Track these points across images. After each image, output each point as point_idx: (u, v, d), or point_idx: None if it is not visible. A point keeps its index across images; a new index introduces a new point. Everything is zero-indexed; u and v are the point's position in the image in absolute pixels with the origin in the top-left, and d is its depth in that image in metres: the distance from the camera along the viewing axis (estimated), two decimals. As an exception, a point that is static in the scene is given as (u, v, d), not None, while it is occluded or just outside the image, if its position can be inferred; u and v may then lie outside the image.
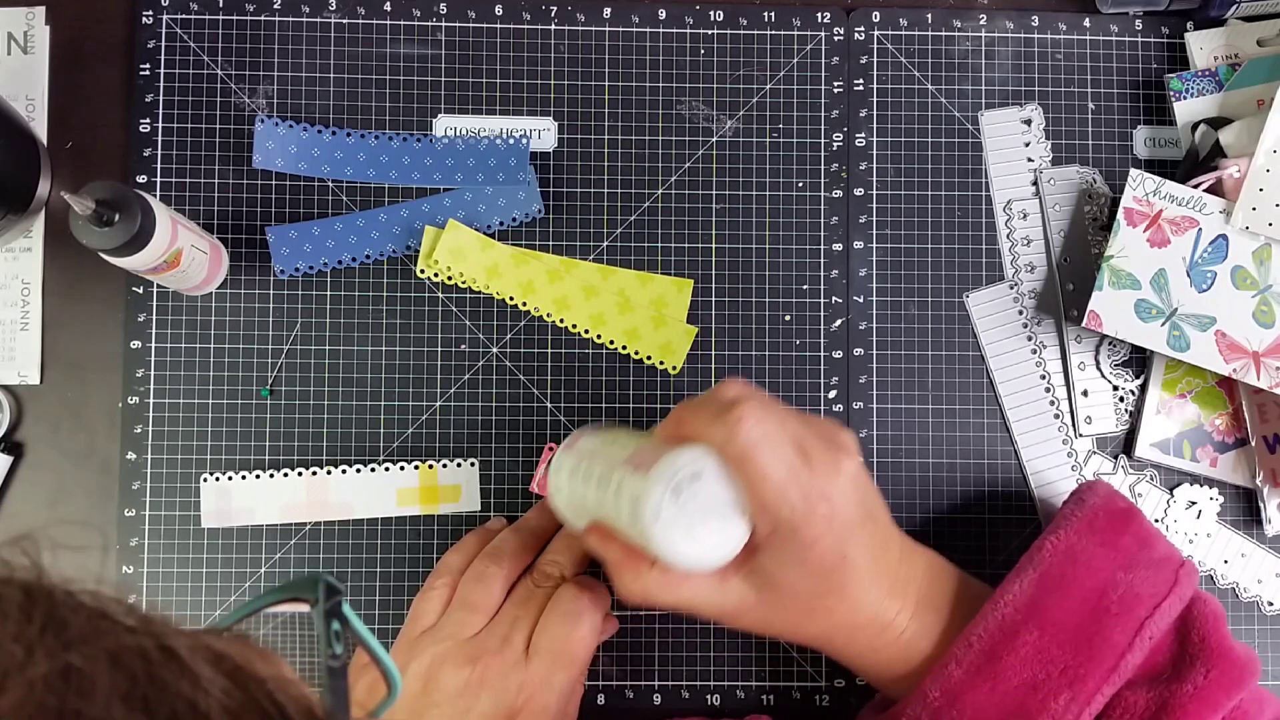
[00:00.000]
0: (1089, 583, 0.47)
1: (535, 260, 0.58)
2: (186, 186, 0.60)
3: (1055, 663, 0.46)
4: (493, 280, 0.58)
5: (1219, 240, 0.57)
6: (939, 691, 0.47)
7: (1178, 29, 0.62)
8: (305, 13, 0.61)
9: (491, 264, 0.58)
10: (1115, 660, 0.45)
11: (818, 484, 0.44)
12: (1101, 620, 0.46)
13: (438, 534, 0.59)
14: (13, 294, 0.59)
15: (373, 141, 0.60)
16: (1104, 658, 0.45)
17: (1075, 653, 0.46)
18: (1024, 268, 0.61)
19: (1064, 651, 0.46)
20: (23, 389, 0.59)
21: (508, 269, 0.58)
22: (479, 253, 0.58)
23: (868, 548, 0.46)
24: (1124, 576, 0.47)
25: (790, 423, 0.45)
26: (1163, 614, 0.47)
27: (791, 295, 0.61)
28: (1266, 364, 0.56)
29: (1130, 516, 0.50)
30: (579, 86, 0.61)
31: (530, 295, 0.58)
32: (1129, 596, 0.47)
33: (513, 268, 0.58)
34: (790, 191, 0.61)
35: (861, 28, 0.62)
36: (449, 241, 0.57)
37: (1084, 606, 0.47)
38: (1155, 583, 0.47)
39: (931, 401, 0.60)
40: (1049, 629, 0.46)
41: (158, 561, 0.58)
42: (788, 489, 0.44)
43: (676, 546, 0.44)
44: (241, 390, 0.59)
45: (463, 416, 0.59)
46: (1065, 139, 0.62)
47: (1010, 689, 0.46)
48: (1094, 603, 0.47)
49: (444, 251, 0.58)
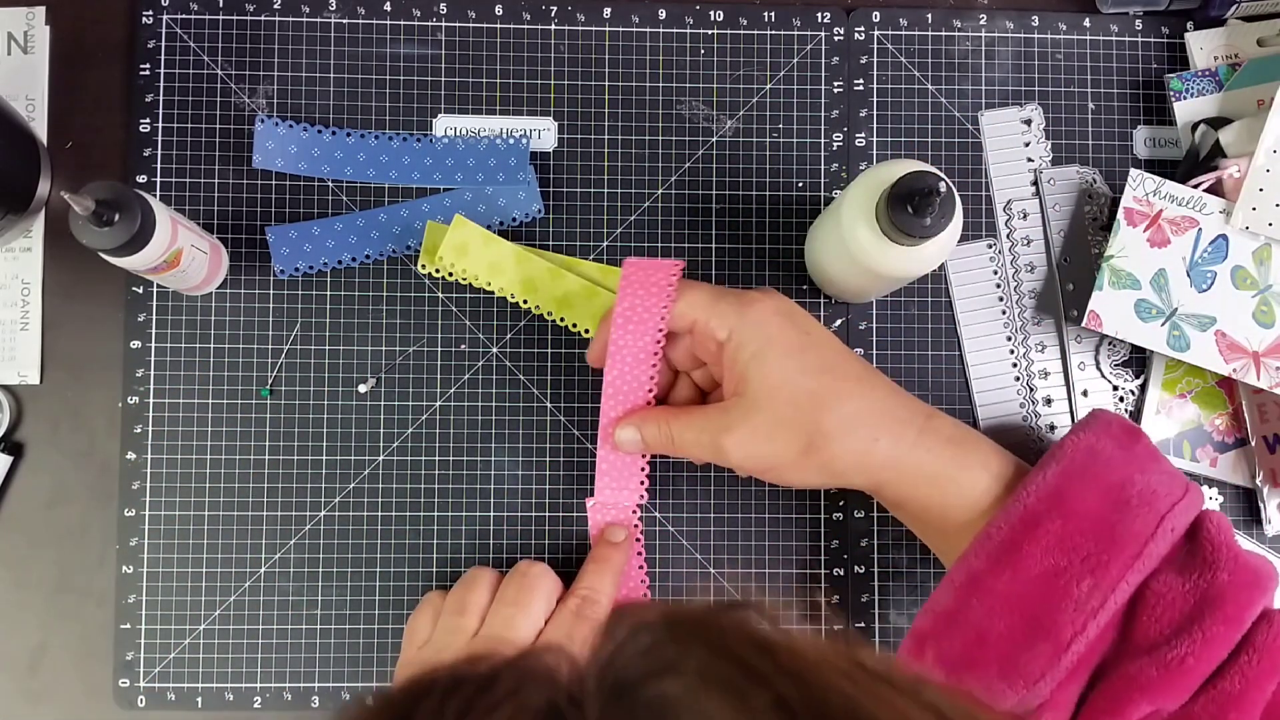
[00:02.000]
0: (1109, 477, 0.48)
1: (538, 258, 0.58)
2: (186, 186, 0.60)
3: (1078, 550, 0.46)
4: (495, 278, 0.58)
5: (1219, 240, 0.57)
6: (963, 576, 0.47)
7: (1178, 29, 0.62)
8: (305, 13, 0.61)
9: (494, 261, 0.58)
10: (1138, 548, 0.45)
11: (747, 290, 0.52)
12: (1123, 511, 0.46)
13: (438, 534, 0.59)
14: (13, 294, 0.59)
15: (373, 141, 0.60)
16: (1126, 545, 0.45)
17: (1098, 541, 0.46)
18: (1024, 268, 0.61)
19: (1086, 539, 0.46)
20: (23, 389, 0.59)
21: (510, 267, 0.58)
22: (482, 249, 0.57)
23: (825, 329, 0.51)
24: (1140, 477, 0.48)
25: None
26: (1181, 510, 0.47)
27: (792, 295, 0.60)
28: (1266, 364, 0.56)
29: (1140, 432, 0.51)
30: (579, 86, 0.61)
31: (532, 294, 0.58)
32: (1147, 492, 0.47)
33: (515, 265, 0.58)
34: (790, 191, 0.61)
35: (861, 28, 0.62)
36: (454, 238, 0.57)
37: (1106, 498, 0.47)
38: (1170, 487, 0.48)
39: (931, 401, 0.60)
40: (1072, 518, 0.46)
41: (158, 561, 0.58)
42: (718, 289, 0.51)
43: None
44: (241, 390, 0.59)
45: (463, 416, 0.59)
46: (1065, 139, 0.62)
47: (1032, 577, 0.46)
48: (1115, 495, 0.47)
49: (449, 248, 0.57)
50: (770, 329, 0.49)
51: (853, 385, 0.50)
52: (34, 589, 0.58)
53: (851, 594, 0.59)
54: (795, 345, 0.50)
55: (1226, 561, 0.46)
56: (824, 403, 0.49)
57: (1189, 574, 0.46)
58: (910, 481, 0.50)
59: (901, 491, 0.50)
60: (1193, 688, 0.44)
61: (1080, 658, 0.45)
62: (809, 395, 0.49)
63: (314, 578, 0.58)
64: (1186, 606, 0.45)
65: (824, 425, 0.49)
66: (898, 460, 0.49)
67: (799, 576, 0.59)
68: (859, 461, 0.49)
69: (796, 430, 0.49)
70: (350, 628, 0.58)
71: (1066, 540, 0.46)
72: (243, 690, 0.58)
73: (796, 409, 0.49)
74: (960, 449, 0.50)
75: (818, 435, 0.49)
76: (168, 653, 0.58)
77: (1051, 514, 0.46)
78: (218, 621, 0.58)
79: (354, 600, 0.58)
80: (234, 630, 0.58)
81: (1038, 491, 0.47)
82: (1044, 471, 0.48)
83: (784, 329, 0.50)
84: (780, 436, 0.49)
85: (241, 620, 0.58)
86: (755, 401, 0.49)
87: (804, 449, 0.49)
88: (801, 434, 0.49)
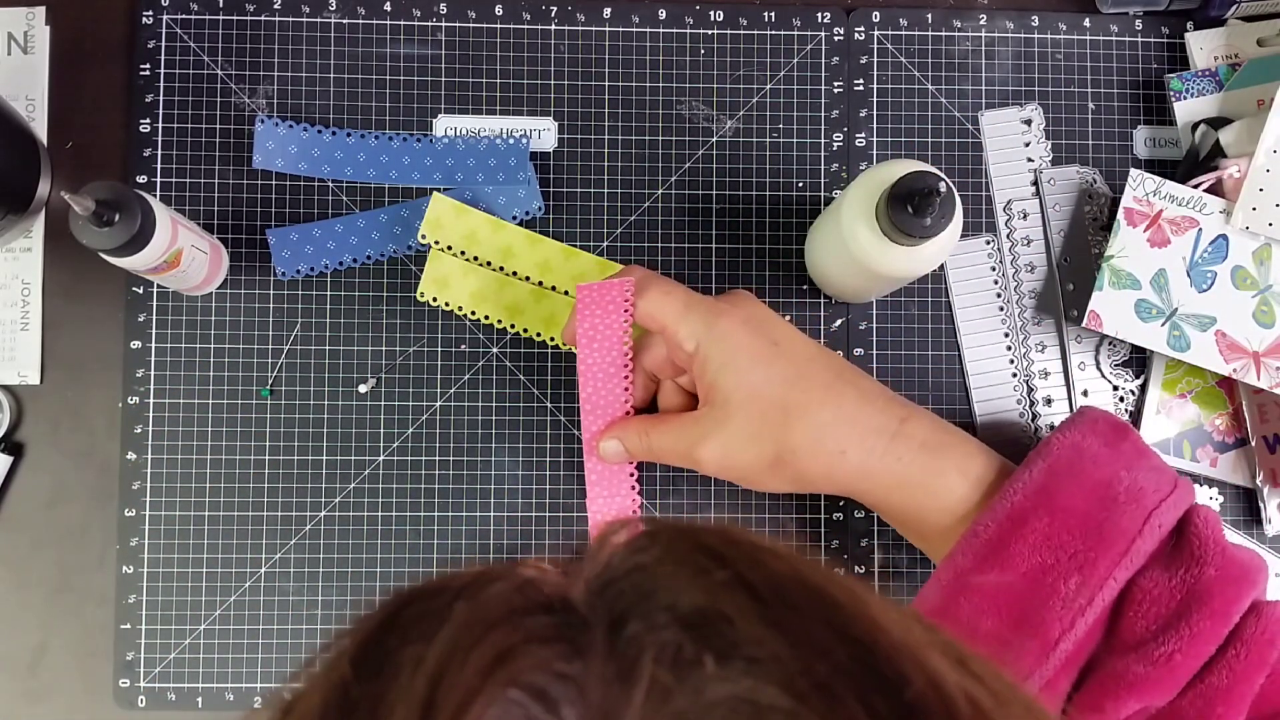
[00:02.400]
0: (1095, 474, 0.47)
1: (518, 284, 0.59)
2: (186, 186, 0.60)
3: (1065, 548, 0.46)
4: (479, 305, 0.58)
5: (1219, 240, 0.57)
6: (950, 575, 0.47)
7: (1178, 29, 0.62)
8: (305, 13, 0.61)
9: (477, 289, 0.58)
10: (1126, 545, 0.45)
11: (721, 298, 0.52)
12: (1110, 508, 0.46)
13: (438, 534, 0.59)
14: (13, 294, 0.59)
15: (373, 141, 0.60)
16: (1114, 542, 0.45)
17: (1085, 538, 0.46)
18: (1024, 268, 0.61)
19: (1073, 537, 0.46)
20: (23, 389, 0.59)
21: (492, 293, 0.58)
22: (461, 278, 0.58)
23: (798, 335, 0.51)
24: (1127, 474, 0.48)
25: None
26: (1168, 507, 0.46)
27: (792, 295, 0.61)
28: (1266, 364, 0.56)
29: (1128, 429, 0.51)
30: (579, 86, 0.61)
31: (518, 317, 0.58)
32: (1134, 489, 0.47)
33: (497, 290, 0.58)
34: (790, 191, 0.61)
35: (861, 28, 0.62)
36: (432, 271, 0.58)
37: (1092, 495, 0.47)
38: (1158, 482, 0.48)
39: (931, 402, 0.60)
40: (1058, 515, 0.46)
41: (158, 561, 0.58)
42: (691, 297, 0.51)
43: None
44: (241, 390, 0.59)
45: (463, 416, 0.59)
46: (1065, 139, 0.62)
47: (1019, 574, 0.46)
48: (1101, 492, 0.47)
49: (429, 283, 0.58)
50: (737, 339, 0.49)
51: (820, 395, 0.49)
52: (34, 589, 0.58)
53: (851, 594, 0.59)
54: (762, 356, 0.49)
55: (1214, 556, 0.45)
56: (791, 415, 0.49)
57: (1175, 569, 0.46)
58: (883, 490, 0.50)
59: (876, 499, 0.51)
60: (1180, 684, 0.44)
61: (1068, 655, 0.45)
62: (776, 407, 0.49)
63: (314, 578, 0.58)
64: (1173, 603, 0.45)
65: (791, 438, 0.49)
66: (868, 470, 0.49)
67: (799, 576, 0.59)
68: (827, 473, 0.50)
69: (765, 442, 0.49)
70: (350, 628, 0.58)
71: (1053, 538, 0.46)
72: (243, 690, 0.58)
73: (764, 421, 0.49)
74: (935, 455, 0.49)
75: (785, 448, 0.49)
76: (168, 653, 0.58)
77: (1038, 511, 0.46)
78: (218, 621, 0.58)
79: (354, 600, 0.58)
80: (234, 630, 0.58)
81: (1024, 489, 0.47)
82: (1030, 469, 0.48)
83: (751, 339, 0.49)
84: (751, 449, 0.49)
85: (241, 620, 0.58)
86: (725, 413, 0.50)
87: (773, 461, 0.49)
88: (770, 446, 0.49)
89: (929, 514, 0.50)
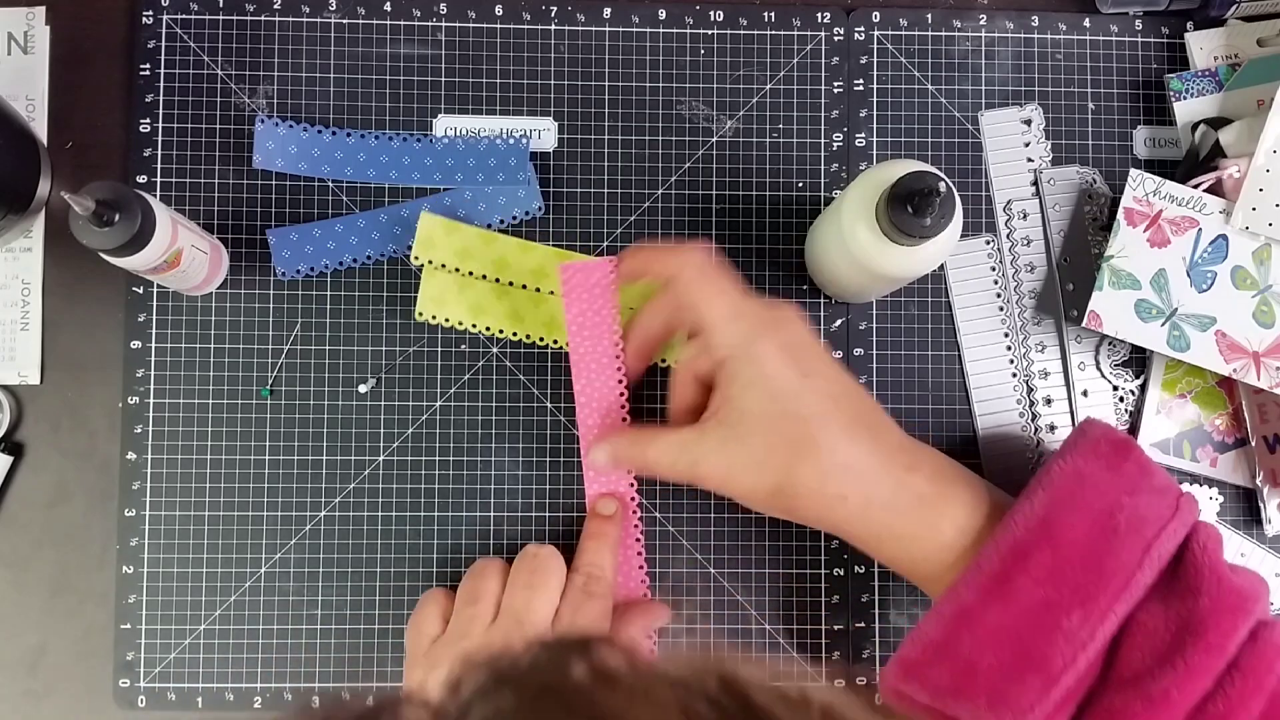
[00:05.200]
0: (1097, 503, 0.47)
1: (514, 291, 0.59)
2: (186, 186, 0.60)
3: (1068, 581, 0.45)
4: (479, 317, 0.59)
5: (1219, 240, 0.57)
6: (952, 609, 0.47)
7: (1178, 29, 0.62)
8: (305, 13, 0.61)
9: (475, 302, 0.58)
10: (1126, 578, 0.45)
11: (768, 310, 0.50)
12: (1110, 540, 0.46)
13: (438, 534, 0.59)
14: (13, 294, 0.59)
15: (373, 141, 0.60)
16: (1114, 575, 0.45)
17: (1086, 571, 0.45)
18: (1024, 268, 0.61)
19: (1075, 570, 0.45)
20: (23, 389, 0.59)
21: (490, 303, 0.58)
22: (458, 293, 0.58)
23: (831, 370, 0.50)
24: (1129, 500, 0.47)
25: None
26: (1168, 536, 0.46)
27: (792, 295, 0.61)
28: (1266, 364, 0.56)
29: (1131, 446, 0.50)
30: (579, 86, 0.61)
31: (518, 324, 0.59)
32: (1135, 518, 0.46)
33: (495, 300, 0.58)
34: (790, 191, 0.61)
35: (861, 28, 0.62)
36: (428, 290, 0.58)
37: (1094, 526, 0.46)
38: (1159, 507, 0.47)
39: (931, 402, 0.60)
40: (1061, 548, 0.46)
41: (158, 561, 0.58)
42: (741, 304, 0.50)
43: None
44: (241, 390, 0.59)
45: (462, 417, 0.59)
46: (1065, 139, 0.62)
47: (1022, 609, 0.45)
48: (1103, 522, 0.46)
49: (426, 302, 0.58)
50: (769, 366, 0.49)
51: (832, 439, 0.49)
52: (34, 589, 0.58)
53: (851, 594, 0.59)
54: (788, 389, 0.49)
55: (1209, 586, 0.45)
56: (799, 453, 0.49)
57: (1171, 601, 0.45)
58: (875, 538, 0.50)
59: (868, 546, 0.51)
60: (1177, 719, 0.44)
61: (1068, 690, 0.45)
62: (787, 443, 0.49)
63: (314, 578, 0.58)
64: (1168, 636, 0.44)
65: (794, 476, 0.49)
66: (865, 519, 0.49)
67: (799, 576, 0.59)
68: (822, 515, 0.50)
69: (768, 473, 0.49)
70: (350, 628, 0.58)
71: (1056, 571, 0.45)
72: (243, 690, 0.58)
73: (771, 453, 0.49)
74: (930, 508, 0.49)
75: (787, 484, 0.49)
76: (168, 653, 0.58)
77: (1041, 544, 0.46)
78: (218, 621, 0.58)
79: (354, 600, 0.58)
80: (234, 630, 0.58)
81: (1026, 522, 0.47)
82: (1031, 501, 0.48)
83: (782, 368, 0.49)
84: (751, 474, 0.49)
85: (241, 620, 0.58)
86: (735, 433, 0.50)
87: (772, 492, 0.49)
88: (771, 478, 0.49)
89: (918, 564, 0.50)
